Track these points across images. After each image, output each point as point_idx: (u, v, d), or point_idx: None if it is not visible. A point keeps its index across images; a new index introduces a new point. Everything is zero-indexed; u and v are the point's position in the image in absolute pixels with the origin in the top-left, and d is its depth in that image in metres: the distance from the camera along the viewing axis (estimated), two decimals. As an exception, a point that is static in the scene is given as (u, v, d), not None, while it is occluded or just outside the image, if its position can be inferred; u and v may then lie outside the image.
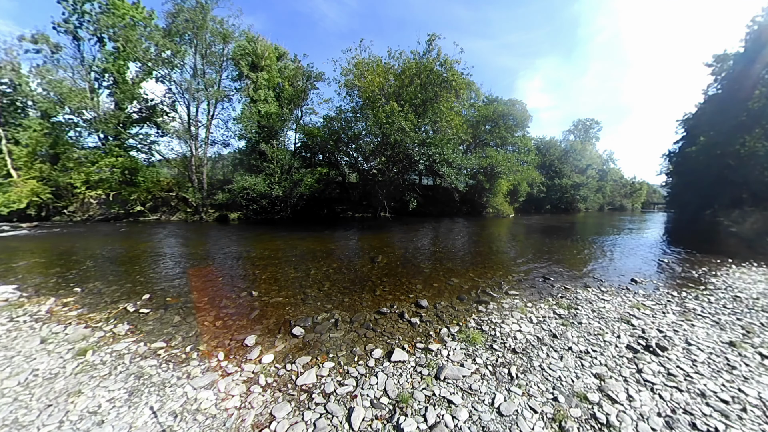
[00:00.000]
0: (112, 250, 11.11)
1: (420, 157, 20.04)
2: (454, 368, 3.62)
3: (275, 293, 6.53)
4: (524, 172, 29.58)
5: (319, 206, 25.44)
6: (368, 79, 22.09)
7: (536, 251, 12.07)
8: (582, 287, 7.40)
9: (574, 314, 5.56)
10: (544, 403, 3.08)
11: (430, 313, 5.57)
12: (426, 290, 6.91)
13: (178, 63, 24.30)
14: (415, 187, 25.82)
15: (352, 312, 5.54)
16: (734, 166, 21.74)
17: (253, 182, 23.42)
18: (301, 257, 10.20)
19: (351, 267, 9.07)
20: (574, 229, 22.25)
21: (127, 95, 24.07)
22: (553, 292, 7.00)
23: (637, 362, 3.90)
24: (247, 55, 25.51)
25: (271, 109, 25.08)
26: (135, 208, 23.09)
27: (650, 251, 12.66)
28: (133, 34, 22.78)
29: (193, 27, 22.81)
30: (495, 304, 6.05)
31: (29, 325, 4.76)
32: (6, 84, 22.16)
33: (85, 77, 23.58)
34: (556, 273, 8.70)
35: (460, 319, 5.27)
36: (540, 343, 4.41)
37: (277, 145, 25.69)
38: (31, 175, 20.57)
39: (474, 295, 6.67)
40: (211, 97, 24.99)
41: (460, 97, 24.52)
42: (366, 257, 10.51)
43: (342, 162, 26.50)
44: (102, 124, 22.72)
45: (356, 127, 23.30)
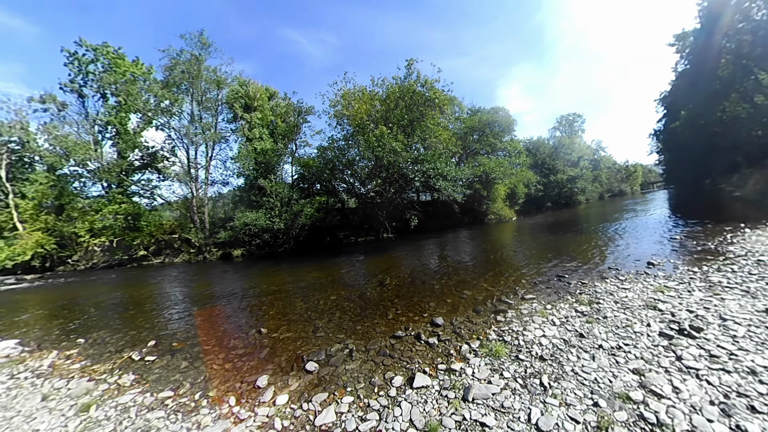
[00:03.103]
0: (116, 297, 10.91)
1: (415, 175, 20.32)
2: (482, 387, 3.38)
3: (285, 328, 6.30)
4: (518, 174, 29.92)
5: (321, 235, 25.36)
6: (356, 108, 22.95)
7: (545, 250, 11.82)
8: (599, 279, 7.15)
9: (597, 309, 5.31)
10: (584, 410, 2.83)
11: (447, 330, 5.34)
12: (440, 307, 6.66)
13: (176, 111, 25.31)
14: (414, 204, 25.91)
15: (367, 340, 5.30)
16: (721, 132, 21.98)
17: (254, 217, 23.48)
18: (307, 288, 9.97)
19: (360, 293, 8.84)
20: (578, 222, 21.99)
21: (129, 144, 24.86)
22: (570, 289, 6.74)
23: (674, 349, 3.63)
24: (240, 98, 26.78)
25: (266, 146, 25.86)
26: (138, 253, 23.04)
27: (659, 231, 12.40)
28: (133, 89, 23.92)
29: (188, 77, 24.08)
30: (513, 312, 5.80)
31: (30, 381, 4.54)
32: (15, 142, 23.24)
33: (90, 130, 24.57)
34: (570, 269, 8.44)
35: (479, 333, 5.02)
36: (568, 345, 4.16)
37: (275, 180, 26.09)
38: (37, 227, 20.84)
39: (490, 306, 6.42)
40: (208, 140, 25.77)
41: (445, 113, 25.35)
42: (374, 281, 10.27)
43: (339, 189, 26.78)
44: (105, 173, 23.31)
45: (349, 154, 23.83)
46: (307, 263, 16.35)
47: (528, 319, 5.33)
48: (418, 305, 7.03)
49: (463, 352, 4.39)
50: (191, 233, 24.62)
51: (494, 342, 4.57)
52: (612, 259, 9.08)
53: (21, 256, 19.65)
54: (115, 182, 24.00)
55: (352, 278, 11.19)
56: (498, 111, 31.46)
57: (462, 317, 5.89)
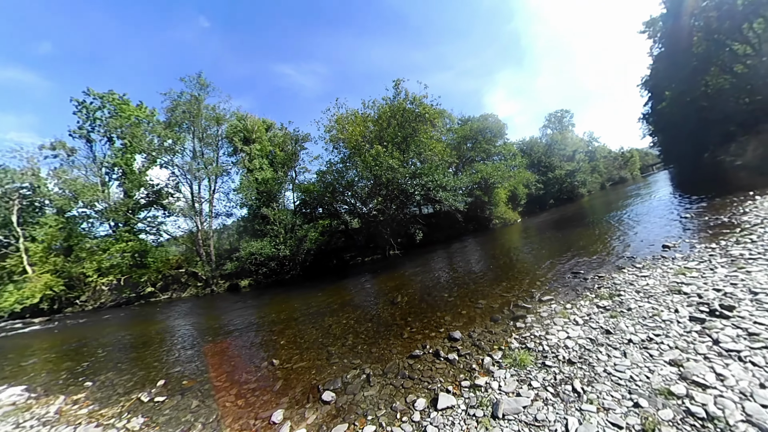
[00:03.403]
0: (124, 337, 10.71)
1: (414, 189, 20.41)
2: (511, 400, 3.17)
3: (297, 358, 6.08)
4: (516, 175, 29.94)
5: (327, 258, 25.19)
6: (350, 131, 23.58)
7: (555, 248, 11.53)
8: (616, 270, 6.89)
9: (620, 302, 5.06)
10: (625, 413, 2.60)
11: (466, 344, 5.12)
12: (456, 320, 6.43)
13: (179, 149, 26.24)
14: (418, 218, 25.83)
15: (383, 363, 5.07)
16: (709, 106, 22.01)
17: (259, 246, 23.50)
18: (318, 314, 9.74)
19: (372, 314, 8.61)
20: (583, 215, 21.63)
21: (135, 184, 25.47)
22: (588, 285, 6.49)
23: (709, 333, 3.39)
24: (239, 132, 27.82)
25: (267, 175, 26.50)
26: (146, 290, 22.99)
27: (668, 212, 12.07)
28: (138, 131, 24.90)
29: (189, 116, 25.15)
30: (532, 316, 5.57)
31: (36, 430, 4.35)
32: (26, 188, 24.06)
33: (97, 173, 25.36)
34: (584, 264, 8.17)
35: (500, 343, 4.80)
36: (595, 344, 3.92)
37: (278, 207, 26.38)
38: (46, 269, 21.04)
39: (507, 312, 6.18)
40: (211, 174, 26.42)
41: (437, 126, 25.95)
42: (385, 300, 10.04)
43: (341, 210, 26.90)
44: (113, 213, 23.79)
45: (348, 176, 24.16)
46: (315, 288, 16.11)
47: (549, 321, 5.10)
48: (433, 321, 6.81)
49: (485, 365, 4.18)
50: (198, 266, 24.59)
51: (517, 350, 4.34)
52: (625, 247, 8.83)
53: (30, 299, 19.72)
54: (122, 221, 24.39)
55: (363, 299, 10.96)
56: (487, 117, 32.11)
57: (480, 328, 5.66)
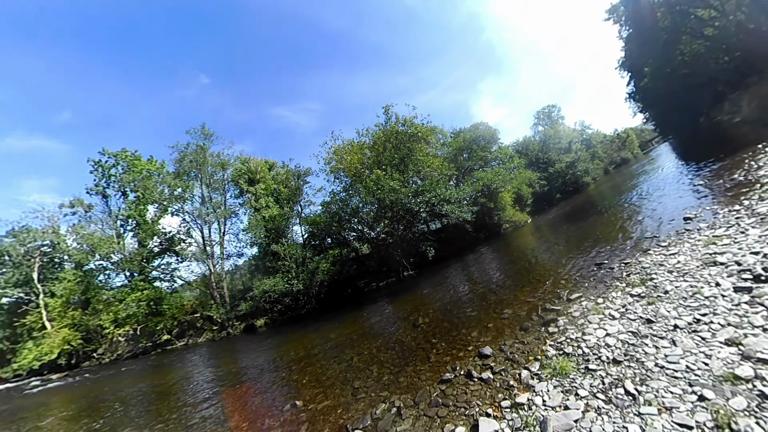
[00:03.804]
0: (141, 389, 10.42)
1: (419, 207, 20.47)
2: (559, 416, 2.91)
3: (321, 397, 5.79)
4: (517, 176, 29.84)
5: (341, 287, 24.85)
6: (348, 160, 24.34)
7: (572, 242, 11.12)
8: (641, 254, 6.54)
9: (654, 286, 4.75)
10: (692, 410, 2.35)
11: (499, 359, 4.84)
12: (483, 335, 6.13)
13: (188, 196, 27.47)
14: (427, 235, 25.60)
15: (413, 392, 4.79)
16: (691, 72, 21.93)
17: (272, 283, 23.46)
18: (338, 347, 9.41)
19: (394, 340, 8.27)
20: (594, 203, 20.95)
21: (148, 233, 26.25)
22: (615, 274, 6.16)
23: (759, 301, 3.13)
24: (243, 174, 29.13)
25: (273, 213, 27.26)
26: (162, 338, 22.85)
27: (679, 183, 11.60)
28: (149, 183, 26.18)
29: (196, 165, 26.56)
30: (564, 318, 5.27)
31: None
32: (47, 245, 24.97)
33: (113, 225, 26.39)
34: (606, 253, 7.80)
35: (535, 353, 4.52)
36: (639, 337, 3.63)
37: (287, 242, 26.68)
38: (64, 324, 21.18)
39: (537, 318, 5.89)
40: (220, 217, 27.35)
41: (431, 143, 26.63)
42: (406, 324, 9.70)
43: (350, 238, 26.92)
44: (128, 263, 24.35)
45: (352, 203, 24.49)
46: (332, 320, 15.73)
47: (583, 321, 4.82)
48: (459, 339, 6.51)
49: (524, 379, 3.91)
50: (212, 310, 24.46)
51: (555, 358, 4.08)
52: (645, 228, 8.47)
53: (48, 356, 19.74)
54: (137, 270, 24.82)
55: (383, 326, 10.61)
56: (478, 126, 32.93)
57: (510, 340, 5.37)
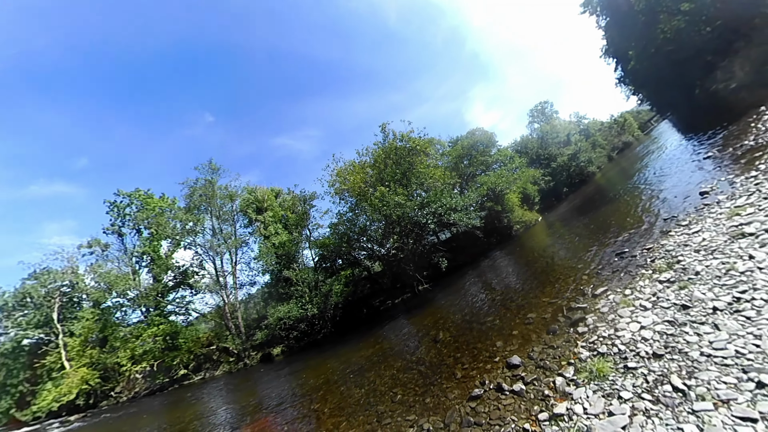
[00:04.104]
0: (159, 427, 10.23)
1: (426, 219, 20.43)
2: (605, 424, 2.78)
3: (345, 425, 5.63)
4: (521, 176, 29.57)
5: (356, 308, 24.48)
6: (351, 180, 24.74)
7: (588, 235, 10.82)
8: (662, 236, 6.31)
9: (683, 268, 4.56)
10: (752, 400, 2.23)
11: (529, 368, 4.68)
12: (509, 344, 5.96)
13: (200, 229, 28.14)
14: (438, 246, 25.32)
15: (442, 413, 4.64)
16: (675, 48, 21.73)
17: (286, 310, 23.35)
18: (359, 371, 9.19)
19: (416, 358, 8.07)
20: (603, 191, 20.43)
21: (162, 268, 26.72)
22: (639, 262, 5.94)
23: None
24: (251, 204, 29.81)
25: (282, 239, 27.66)
26: (179, 373, 22.66)
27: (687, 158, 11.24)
28: (162, 219, 27.04)
29: (206, 199, 27.42)
30: (592, 316, 5.10)
31: None
32: (66, 285, 25.49)
33: (128, 263, 26.94)
34: (624, 241, 7.54)
35: (567, 357, 4.38)
36: (677, 325, 3.47)
37: (298, 267, 26.74)
38: (82, 363, 21.18)
39: (564, 320, 5.72)
40: (231, 248, 27.92)
41: (430, 154, 26.93)
42: (426, 340, 9.48)
43: (360, 257, 26.81)
44: (144, 299, 24.71)
45: (360, 222, 24.60)
46: (350, 343, 15.45)
47: (613, 316, 4.65)
48: (485, 351, 6.34)
49: (560, 387, 3.76)
50: (228, 341, 24.30)
51: (590, 360, 3.94)
52: (661, 209, 8.22)
53: (66, 396, 19.68)
54: (152, 305, 25.08)
55: (403, 345, 10.38)
56: (474, 132, 33.24)
57: (539, 346, 5.22)
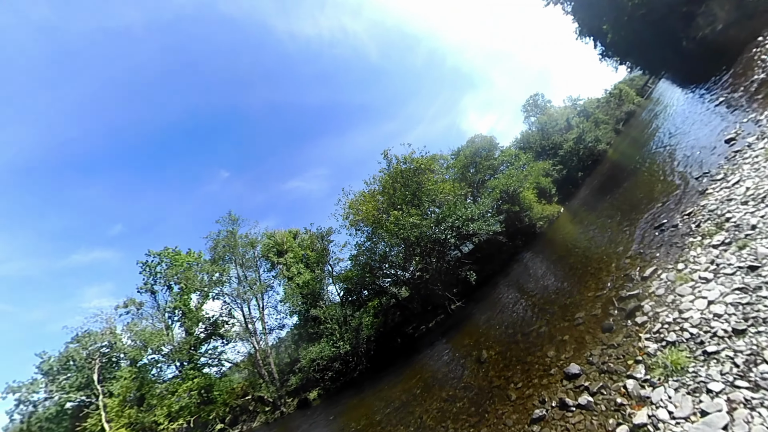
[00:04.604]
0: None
1: (444, 234, 20.15)
2: (700, 427, 2.43)
3: None
4: (531, 171, 28.62)
5: (389, 339, 23.66)
6: (364, 210, 25.21)
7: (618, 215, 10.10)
8: (699, 196, 5.87)
9: (735, 225, 4.19)
10: None
11: (592, 375, 4.35)
12: (562, 351, 5.58)
13: (226, 279, 29.08)
14: (462, 260, 24.65)
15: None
16: (648, 9, 21.45)
17: (318, 350, 23.06)
18: (402, 407, 8.72)
19: (462, 384, 7.63)
20: (620, 166, 19.07)
21: (194, 321, 27.42)
22: (682, 230, 5.52)
23: None
24: (272, 248, 31.08)
25: (306, 278, 28.31)
26: (216, 428, 22.32)
27: (698, 109, 10.55)
28: (190, 273, 28.30)
29: (229, 249, 28.87)
30: (648, 301, 4.66)
31: None
32: (106, 345, 26.13)
33: (161, 318, 27.62)
34: (660, 212, 7.01)
35: (633, 354, 4.07)
36: (751, 292, 3.15)
37: (325, 304, 26.77)
38: (121, 424, 20.90)
39: (617, 312, 5.27)
40: (257, 293, 28.54)
41: (435, 170, 27.21)
42: (470, 362, 8.99)
43: (385, 285, 26.45)
44: (178, 353, 25.06)
45: (379, 250, 24.58)
46: (389, 377, 14.79)
47: (672, 297, 4.27)
48: (536, 364, 5.95)
49: (633, 391, 3.45)
50: (263, 389, 23.98)
51: (661, 353, 3.62)
52: (688, 168, 7.67)
53: None
54: (186, 359, 25.39)
55: (446, 371, 9.87)
56: (474, 139, 33.39)
57: (597, 347, 4.89)
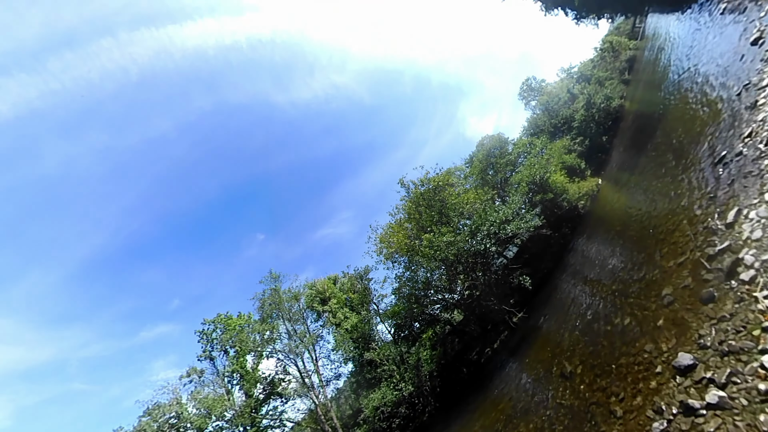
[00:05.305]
0: None
1: (483, 244, 19.30)
2: None
3: None
4: (551, 153, 27.08)
5: (454, 371, 22.06)
6: (396, 241, 25.35)
7: (663, 165, 9.03)
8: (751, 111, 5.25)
9: None
10: None
11: (711, 362, 3.91)
12: (662, 341, 4.98)
13: (276, 335, 30.07)
14: (510, 267, 23.38)
15: None
16: None
17: (380, 396, 22.26)
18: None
19: (551, 409, 7.02)
20: (645, 114, 16.92)
21: (252, 382, 28.02)
22: (750, 156, 4.97)
23: None
24: (315, 298, 31.92)
25: (353, 321, 28.28)
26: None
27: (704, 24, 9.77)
28: (243, 335, 29.65)
29: (275, 306, 30.03)
30: (747, 250, 4.16)
31: None
32: (173, 416, 26.58)
33: (221, 384, 28.26)
34: (714, 144, 6.28)
35: (756, 321, 3.59)
36: None
37: (377, 345, 26.23)
38: None
39: (712, 276, 4.58)
40: (308, 345, 28.88)
41: (454, 184, 27.24)
42: (553, 379, 8.30)
43: (435, 312, 25.49)
44: (240, 417, 25.26)
45: (420, 277, 24.14)
46: (463, 415, 13.82)
47: None
48: (635, 364, 5.40)
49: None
50: (327, 446, 22.80)
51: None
52: (724, 86, 6.83)
53: None
54: (248, 423, 25.64)
55: (527, 396, 9.14)
56: (483, 142, 33.16)
57: (704, 325, 4.27)
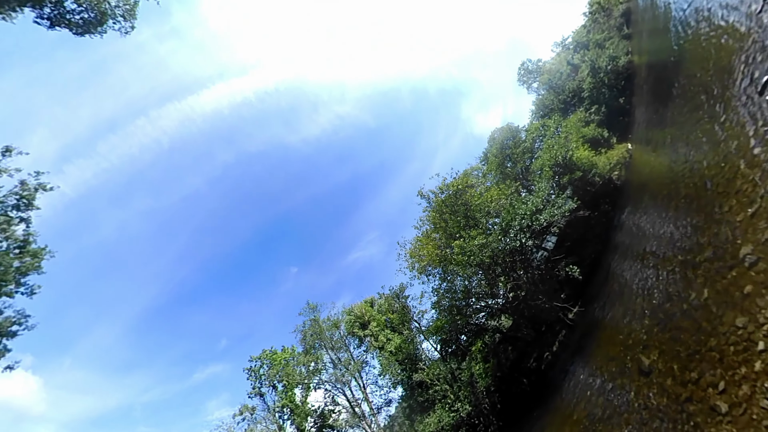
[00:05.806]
0: None
1: (518, 240, 18.26)
2: None
3: None
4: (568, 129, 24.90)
5: (513, 383, 20.34)
6: (426, 253, 24.86)
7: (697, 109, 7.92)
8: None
9: None
10: None
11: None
12: (754, 311, 4.27)
13: (321, 366, 30.07)
14: (552, 258, 21.75)
15: None
16: None
17: (435, 420, 21.30)
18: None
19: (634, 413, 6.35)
20: (657, 65, 15.06)
21: (302, 416, 28.02)
22: None
23: None
24: (354, 323, 31.49)
25: (396, 343, 27.36)
26: None
27: None
28: (289, 369, 29.94)
29: (317, 336, 30.28)
30: None
31: None
32: None
33: (273, 419, 28.29)
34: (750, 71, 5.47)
35: None
36: None
37: (425, 365, 25.29)
38: None
39: None
40: (354, 372, 28.54)
41: (473, 185, 26.40)
42: (630, 378, 7.45)
43: (481, 321, 24.18)
44: None
45: (457, 286, 23.31)
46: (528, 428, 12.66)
47: None
48: (727, 344, 4.69)
49: None
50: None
51: None
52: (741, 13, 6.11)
53: None
54: None
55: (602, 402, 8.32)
56: (494, 135, 32.04)
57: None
